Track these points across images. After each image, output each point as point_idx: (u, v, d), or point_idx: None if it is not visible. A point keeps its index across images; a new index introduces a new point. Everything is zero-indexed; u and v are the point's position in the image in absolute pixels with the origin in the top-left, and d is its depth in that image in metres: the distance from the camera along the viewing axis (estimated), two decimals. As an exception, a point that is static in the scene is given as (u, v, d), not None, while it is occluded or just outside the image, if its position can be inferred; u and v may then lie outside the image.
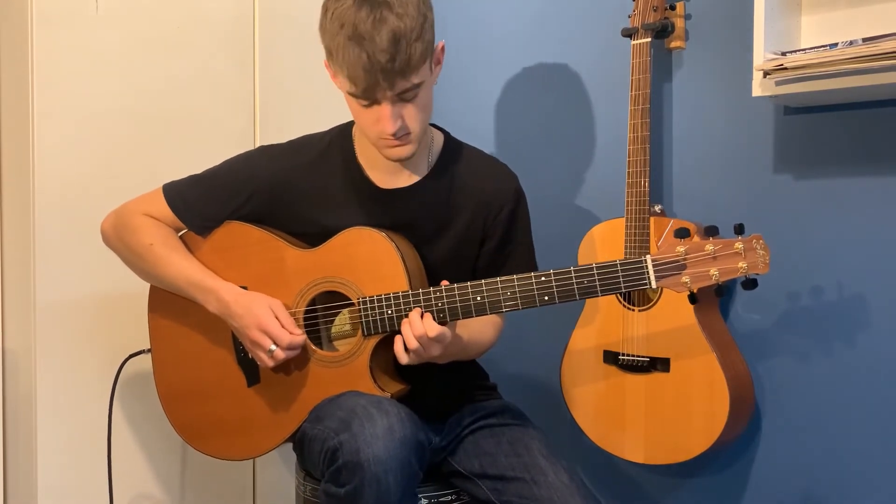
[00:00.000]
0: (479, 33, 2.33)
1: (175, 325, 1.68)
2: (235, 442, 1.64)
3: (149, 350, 1.72)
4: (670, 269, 1.32)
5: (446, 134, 1.70)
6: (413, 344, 1.47)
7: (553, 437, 1.67)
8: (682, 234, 1.32)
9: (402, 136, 1.50)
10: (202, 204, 1.64)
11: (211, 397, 1.65)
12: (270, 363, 1.54)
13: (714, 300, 1.84)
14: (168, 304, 1.68)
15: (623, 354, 1.85)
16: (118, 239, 1.66)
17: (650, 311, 1.82)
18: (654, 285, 1.37)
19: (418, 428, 1.42)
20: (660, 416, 1.81)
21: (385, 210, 1.61)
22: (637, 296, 1.85)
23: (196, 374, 1.66)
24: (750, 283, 1.35)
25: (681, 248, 1.32)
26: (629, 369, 1.85)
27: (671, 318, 1.78)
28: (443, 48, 1.55)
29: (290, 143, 1.68)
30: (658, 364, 1.81)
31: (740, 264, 1.29)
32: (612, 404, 1.88)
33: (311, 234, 1.61)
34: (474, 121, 2.31)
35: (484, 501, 1.55)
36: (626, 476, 2.07)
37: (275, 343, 1.53)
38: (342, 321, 1.63)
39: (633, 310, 1.83)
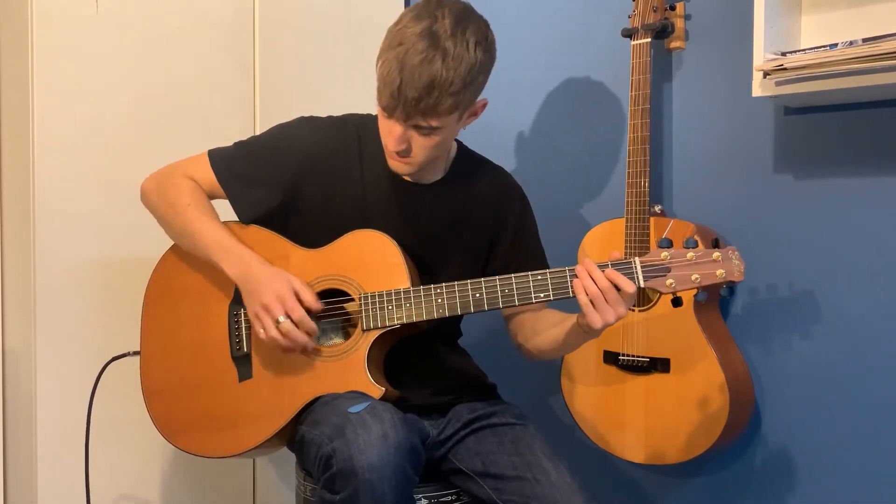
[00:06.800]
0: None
1: (169, 319, 1.67)
2: (217, 438, 1.62)
3: (135, 353, 1.71)
4: (656, 271, 1.46)
5: (460, 143, 1.75)
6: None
7: (553, 437, 1.66)
8: (665, 244, 1.48)
9: (404, 155, 1.56)
10: (248, 169, 1.66)
11: (198, 392, 1.63)
12: (274, 333, 1.50)
13: (714, 300, 1.84)
14: (165, 297, 1.68)
15: (623, 355, 1.85)
16: (160, 195, 1.67)
17: (650, 311, 1.82)
18: (642, 284, 1.46)
19: (413, 433, 1.43)
20: (660, 417, 1.81)
21: (407, 200, 1.66)
22: (637, 296, 1.85)
23: (185, 369, 1.65)
24: (728, 290, 1.55)
25: (665, 254, 1.47)
26: (629, 369, 1.85)
27: (671, 318, 1.79)
28: (484, 105, 1.58)
29: (332, 118, 1.71)
30: (658, 364, 1.81)
31: (718, 271, 1.45)
32: (612, 404, 1.88)
33: (331, 210, 1.63)
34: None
35: (485, 500, 1.55)
36: (626, 476, 2.07)
37: (288, 315, 1.51)
38: (343, 316, 1.64)
39: (633, 310, 1.83)
